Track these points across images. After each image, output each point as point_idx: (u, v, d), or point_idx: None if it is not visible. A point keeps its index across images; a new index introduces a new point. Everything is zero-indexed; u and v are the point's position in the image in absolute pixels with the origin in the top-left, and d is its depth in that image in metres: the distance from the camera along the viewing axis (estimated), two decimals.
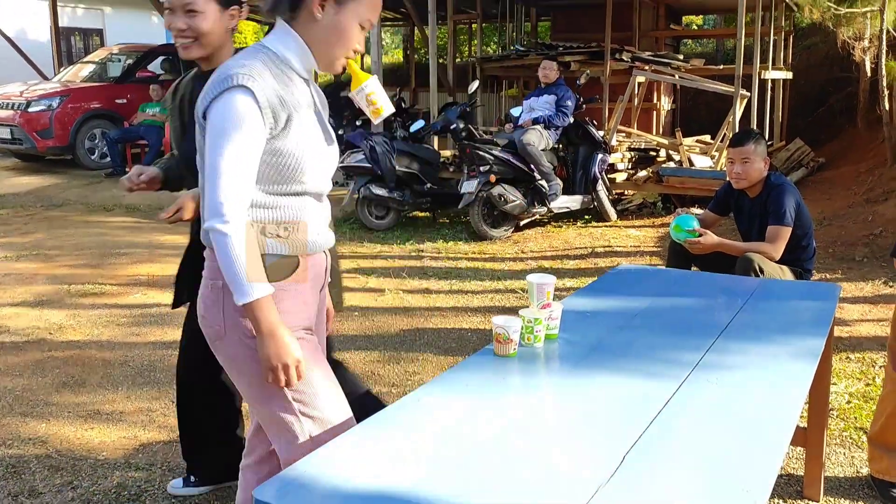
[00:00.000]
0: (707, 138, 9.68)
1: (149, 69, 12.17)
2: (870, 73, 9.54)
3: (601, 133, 7.68)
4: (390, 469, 1.43)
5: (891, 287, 5.27)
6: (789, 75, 10.83)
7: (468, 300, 5.22)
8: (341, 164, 7.28)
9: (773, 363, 1.99)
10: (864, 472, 2.89)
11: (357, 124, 9.06)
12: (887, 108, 7.91)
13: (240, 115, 1.64)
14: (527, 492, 1.36)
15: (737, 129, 7.53)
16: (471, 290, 5.46)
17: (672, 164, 8.30)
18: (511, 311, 3.74)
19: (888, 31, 7.71)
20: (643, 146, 8.83)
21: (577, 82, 7.75)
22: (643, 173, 8.24)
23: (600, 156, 7.44)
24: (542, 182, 7.07)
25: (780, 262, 3.60)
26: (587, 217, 7.76)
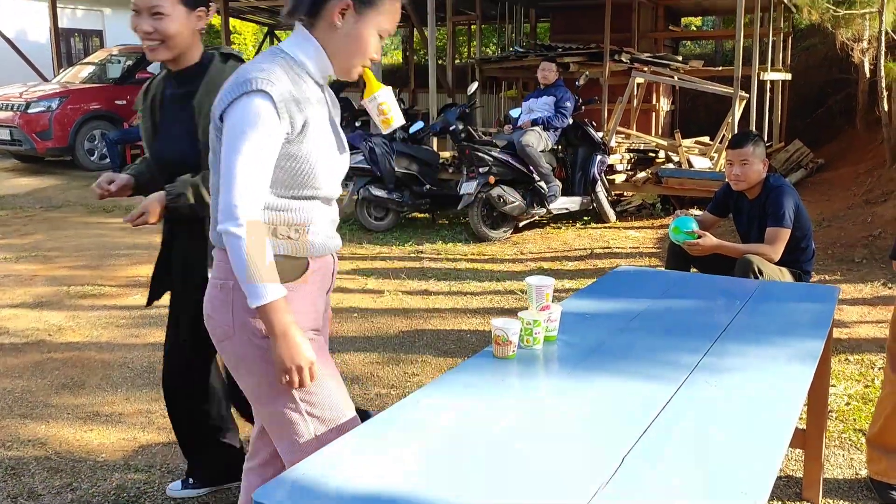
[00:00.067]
0: (706, 140, 9.69)
1: (148, 70, 12.14)
2: (869, 75, 9.55)
3: (600, 134, 7.69)
4: (390, 471, 1.43)
5: (890, 289, 5.27)
6: (788, 76, 10.84)
7: (467, 301, 5.22)
8: None
9: (772, 365, 1.99)
10: (862, 474, 2.89)
11: (356, 125, 9.07)
12: (886, 110, 7.91)
13: (258, 118, 1.66)
14: (527, 493, 1.36)
15: (736, 131, 7.54)
16: (470, 291, 5.46)
17: (671, 166, 8.30)
18: (510, 313, 3.74)
19: (887, 33, 7.72)
20: (642, 147, 8.84)
21: (577, 83, 7.77)
22: (642, 174, 8.25)
23: (599, 157, 7.45)
24: (542, 183, 7.07)
25: (780, 263, 3.60)
26: (586, 218, 7.76)
